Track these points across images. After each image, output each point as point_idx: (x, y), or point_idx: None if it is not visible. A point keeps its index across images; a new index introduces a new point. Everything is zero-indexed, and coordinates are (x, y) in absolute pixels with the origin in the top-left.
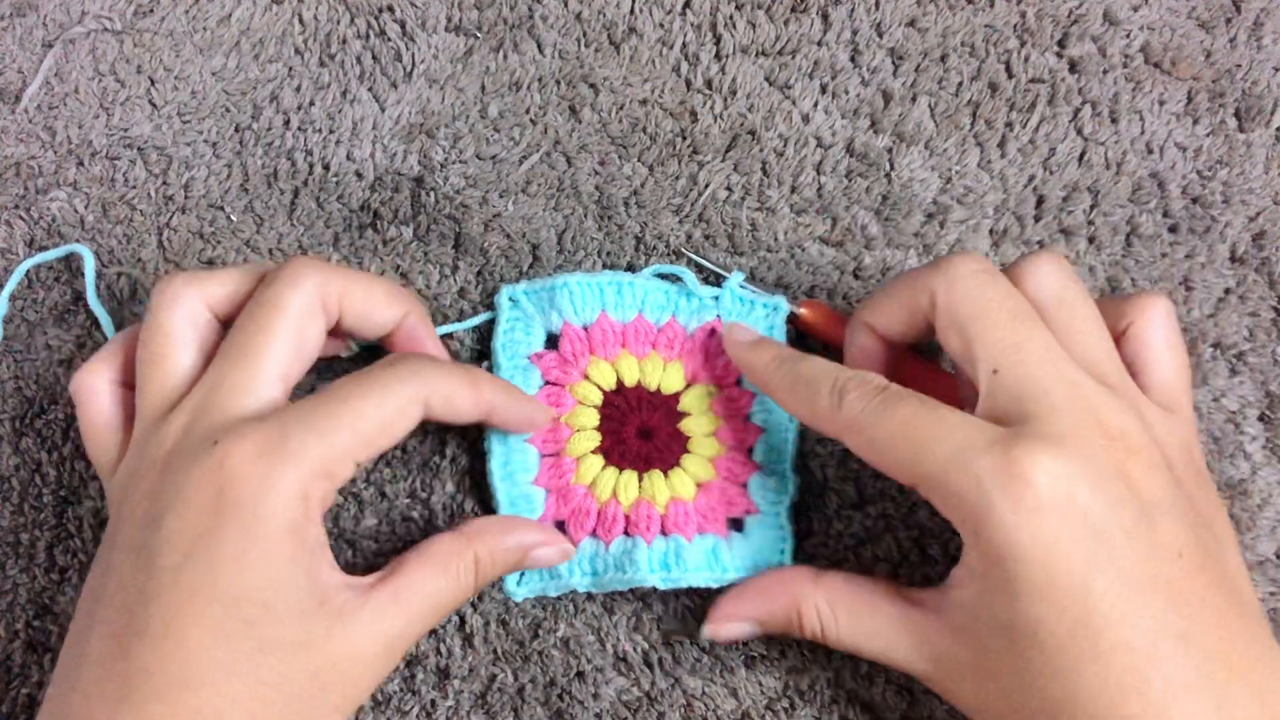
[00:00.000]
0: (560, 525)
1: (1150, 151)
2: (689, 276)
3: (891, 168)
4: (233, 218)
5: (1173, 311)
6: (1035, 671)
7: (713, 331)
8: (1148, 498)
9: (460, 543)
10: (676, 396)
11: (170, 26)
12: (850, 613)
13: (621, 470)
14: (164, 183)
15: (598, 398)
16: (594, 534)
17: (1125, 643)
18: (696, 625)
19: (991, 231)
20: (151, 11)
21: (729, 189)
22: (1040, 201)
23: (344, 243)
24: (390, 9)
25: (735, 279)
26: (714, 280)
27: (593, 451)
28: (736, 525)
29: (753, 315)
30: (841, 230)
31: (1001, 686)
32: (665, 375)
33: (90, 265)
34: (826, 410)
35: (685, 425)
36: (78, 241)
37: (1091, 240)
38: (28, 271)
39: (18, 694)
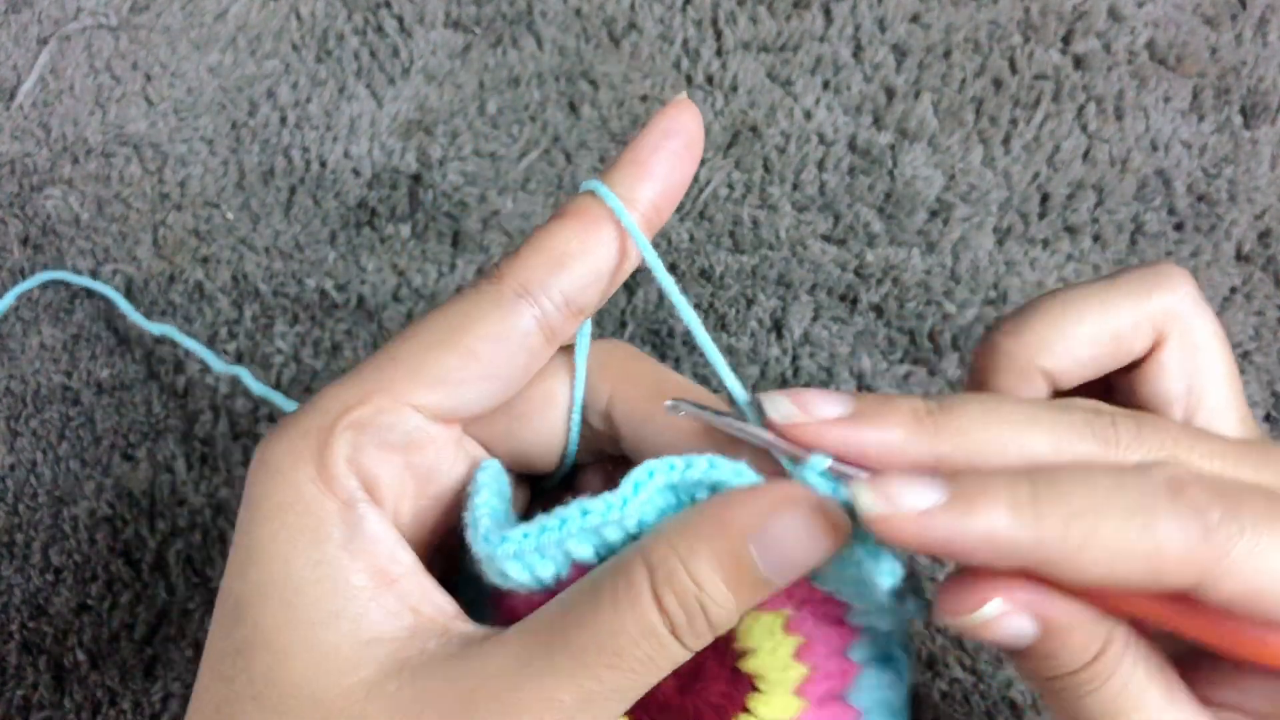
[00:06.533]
0: None
1: (1155, 148)
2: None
3: (894, 164)
4: (228, 215)
5: None
6: None
7: None
8: None
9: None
10: (729, 636)
11: (166, 23)
12: (1161, 669)
13: None
14: (159, 180)
15: None
16: None
17: None
18: None
19: (995, 229)
20: (147, 8)
21: (730, 186)
22: (1045, 199)
23: (341, 241)
24: (388, 4)
25: (817, 463)
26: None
27: None
28: None
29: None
30: (844, 228)
31: None
32: None
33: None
34: (1182, 548)
35: (750, 665)
36: (74, 239)
37: (1096, 238)
38: (22, 270)
39: (13, 695)
